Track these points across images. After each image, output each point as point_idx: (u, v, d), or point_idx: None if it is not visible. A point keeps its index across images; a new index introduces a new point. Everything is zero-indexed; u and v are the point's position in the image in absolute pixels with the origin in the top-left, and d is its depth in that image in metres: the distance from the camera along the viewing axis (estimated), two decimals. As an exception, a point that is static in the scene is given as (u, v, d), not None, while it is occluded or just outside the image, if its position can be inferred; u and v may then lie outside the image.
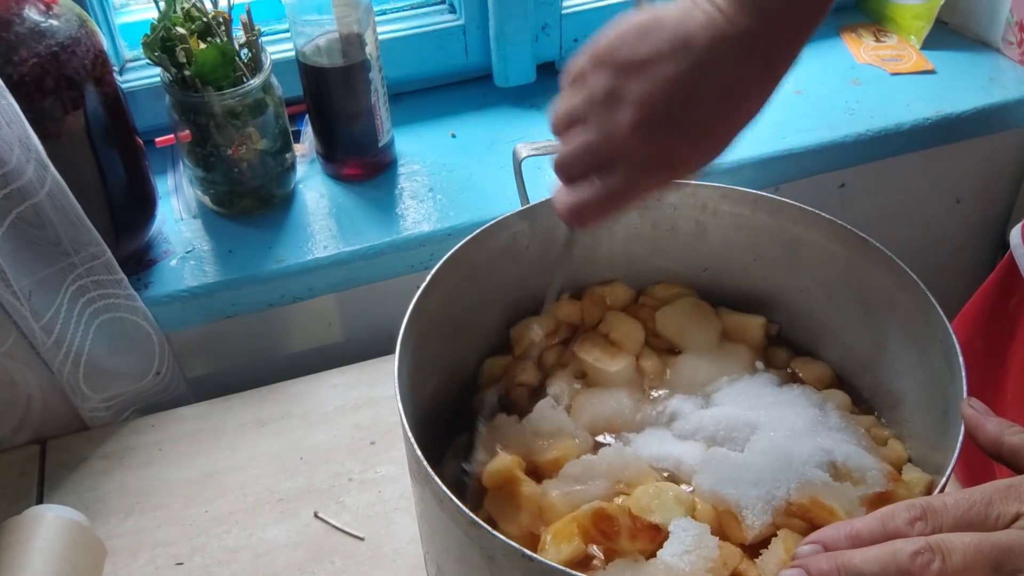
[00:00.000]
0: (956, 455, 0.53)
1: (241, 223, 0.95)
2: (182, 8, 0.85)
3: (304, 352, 1.02)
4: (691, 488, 0.61)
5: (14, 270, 0.74)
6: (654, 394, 0.69)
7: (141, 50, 0.86)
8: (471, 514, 0.49)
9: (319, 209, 0.97)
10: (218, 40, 0.85)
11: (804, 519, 0.57)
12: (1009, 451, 0.51)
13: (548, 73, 1.12)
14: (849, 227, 0.66)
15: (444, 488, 0.50)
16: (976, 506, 0.45)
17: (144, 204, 0.91)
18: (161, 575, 0.76)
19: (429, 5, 1.09)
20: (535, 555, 0.47)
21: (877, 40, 1.17)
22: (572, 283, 0.76)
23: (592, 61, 0.55)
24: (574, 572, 0.45)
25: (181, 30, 0.84)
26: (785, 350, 0.74)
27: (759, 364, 0.71)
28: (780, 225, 0.70)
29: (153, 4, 0.84)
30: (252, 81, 0.87)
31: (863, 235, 0.66)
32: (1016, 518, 0.44)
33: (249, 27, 0.87)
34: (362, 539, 0.78)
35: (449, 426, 0.70)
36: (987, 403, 0.54)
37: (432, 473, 0.51)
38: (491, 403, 0.68)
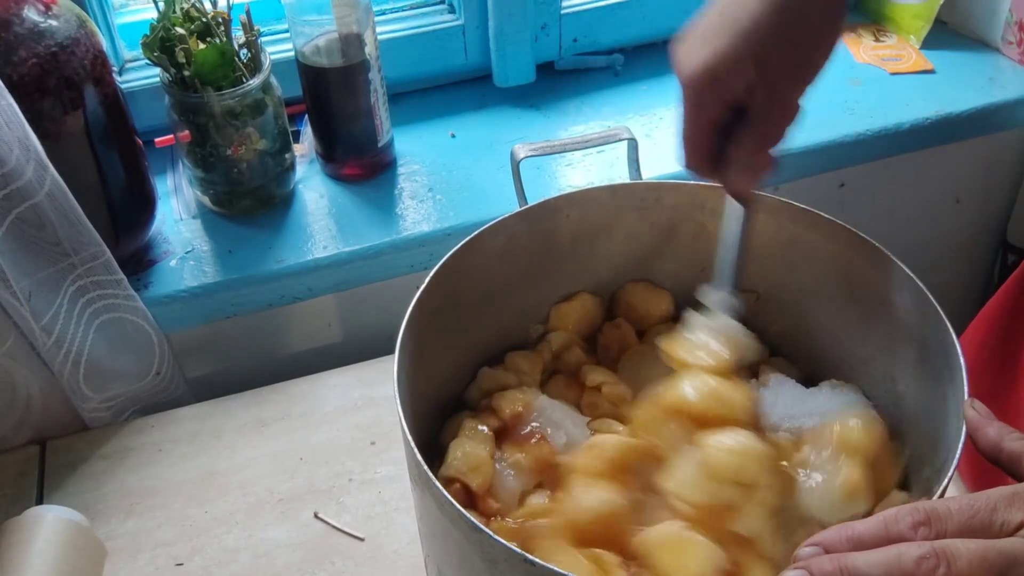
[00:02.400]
0: (957, 456, 0.53)
1: (241, 223, 0.95)
2: (181, 8, 0.85)
3: (304, 352, 1.02)
4: None
5: (14, 270, 0.74)
6: None
7: (140, 50, 0.86)
8: (472, 519, 0.49)
9: (319, 209, 0.97)
10: (217, 40, 0.85)
11: None
12: (1008, 457, 0.51)
13: (548, 73, 1.12)
14: (849, 227, 0.66)
15: (444, 492, 0.50)
16: (980, 513, 0.45)
17: (144, 204, 0.91)
18: (161, 575, 0.76)
19: (429, 5, 1.09)
20: (537, 559, 0.47)
21: (876, 40, 1.17)
22: (570, 285, 0.76)
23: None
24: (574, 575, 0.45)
25: (180, 30, 0.84)
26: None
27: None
28: (779, 225, 0.70)
29: (152, 4, 0.84)
30: (251, 81, 0.87)
31: (863, 235, 0.65)
32: (1020, 527, 0.44)
33: (248, 27, 0.87)
34: (362, 540, 0.78)
35: (449, 427, 0.70)
36: (1001, 407, 0.54)
37: (432, 477, 0.51)
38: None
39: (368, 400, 0.90)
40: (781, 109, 0.58)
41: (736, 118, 0.59)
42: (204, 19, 0.85)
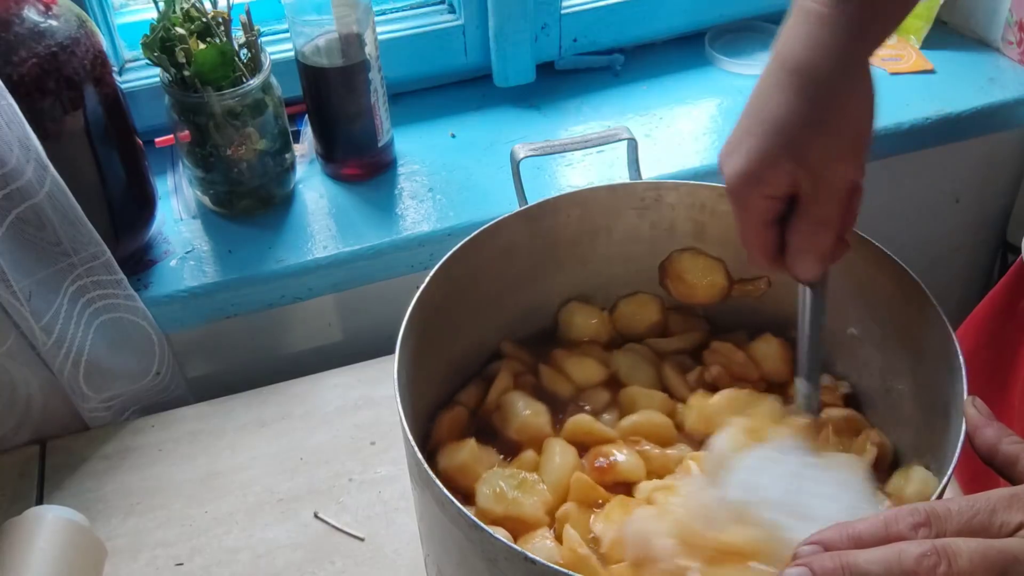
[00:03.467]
0: (956, 456, 0.53)
1: (241, 223, 0.95)
2: (181, 8, 0.85)
3: (304, 352, 1.02)
4: None
5: (14, 270, 0.74)
6: None
7: (141, 50, 0.86)
8: (472, 517, 0.49)
9: (319, 209, 0.97)
10: (217, 40, 0.85)
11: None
12: (1003, 459, 0.51)
13: (548, 73, 1.12)
14: (849, 227, 0.66)
15: (445, 491, 0.50)
16: (980, 514, 0.45)
17: (144, 204, 0.91)
18: (161, 575, 0.76)
19: (429, 5, 1.08)
20: (537, 558, 0.47)
21: (877, 40, 1.17)
22: (570, 285, 0.76)
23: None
24: (575, 574, 0.45)
25: (180, 30, 0.84)
26: None
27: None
28: (779, 225, 0.70)
29: (153, 4, 0.84)
30: (251, 81, 0.87)
31: (863, 235, 0.65)
32: (1020, 527, 0.44)
33: (248, 27, 0.87)
34: (362, 539, 0.78)
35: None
36: (992, 409, 0.54)
37: (433, 475, 0.51)
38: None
39: (368, 400, 0.90)
40: (829, 192, 0.57)
41: (791, 207, 0.58)
42: (204, 19, 0.85)
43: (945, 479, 0.52)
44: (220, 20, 0.86)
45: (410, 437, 0.53)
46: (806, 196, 0.57)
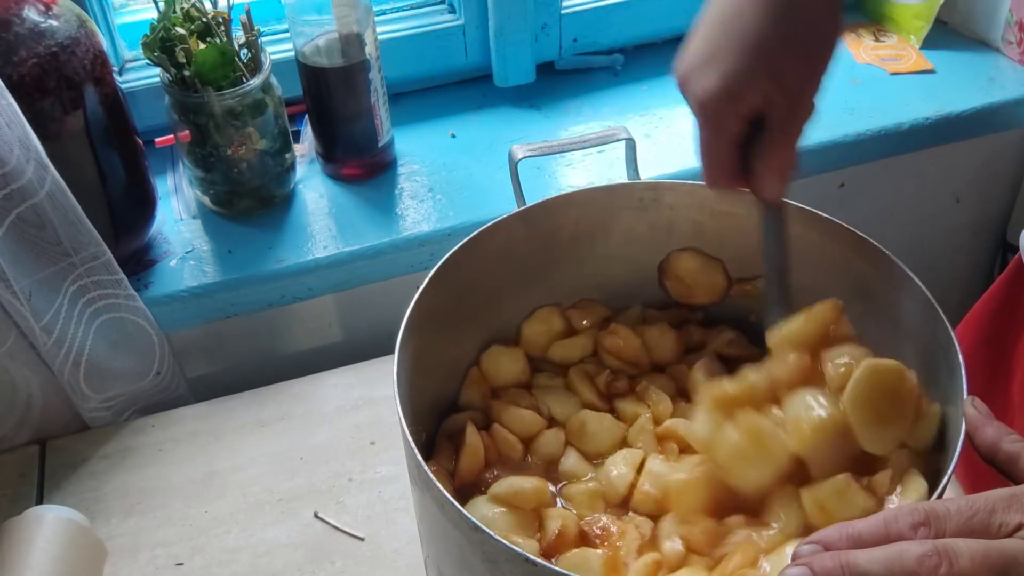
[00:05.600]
0: (956, 456, 0.53)
1: (241, 223, 0.95)
2: (182, 8, 0.85)
3: (304, 352, 1.02)
4: None
5: (14, 270, 0.74)
6: None
7: (141, 50, 0.86)
8: (472, 518, 0.49)
9: (319, 209, 0.97)
10: (218, 40, 0.85)
11: None
12: (1005, 458, 0.51)
13: (548, 73, 1.12)
14: (848, 227, 0.66)
15: (445, 492, 0.50)
16: (979, 514, 0.45)
17: (144, 204, 0.91)
18: (161, 575, 0.76)
19: (429, 5, 1.09)
20: (538, 559, 0.47)
21: (877, 40, 1.17)
22: (568, 286, 0.76)
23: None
24: (574, 574, 0.45)
25: (181, 30, 0.84)
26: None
27: None
28: (779, 225, 0.70)
29: (153, 4, 0.84)
30: (252, 81, 0.87)
31: (863, 235, 0.65)
32: (1018, 528, 0.44)
33: (249, 27, 0.87)
34: (362, 539, 0.78)
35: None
36: (993, 407, 0.54)
37: (432, 477, 0.51)
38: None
39: (368, 400, 0.90)
40: (800, 111, 0.59)
41: (753, 128, 0.59)
42: (204, 19, 0.85)
43: (945, 479, 0.52)
44: (220, 20, 0.86)
45: (410, 437, 0.53)
46: (780, 117, 0.58)
